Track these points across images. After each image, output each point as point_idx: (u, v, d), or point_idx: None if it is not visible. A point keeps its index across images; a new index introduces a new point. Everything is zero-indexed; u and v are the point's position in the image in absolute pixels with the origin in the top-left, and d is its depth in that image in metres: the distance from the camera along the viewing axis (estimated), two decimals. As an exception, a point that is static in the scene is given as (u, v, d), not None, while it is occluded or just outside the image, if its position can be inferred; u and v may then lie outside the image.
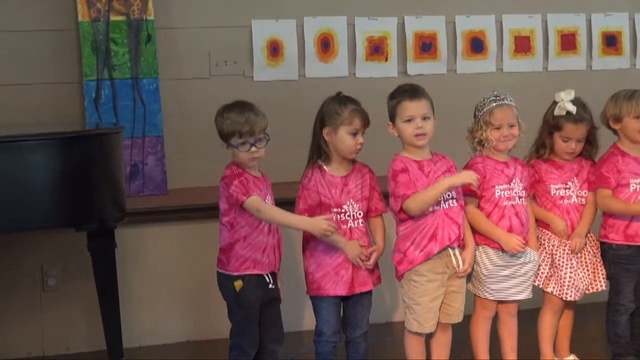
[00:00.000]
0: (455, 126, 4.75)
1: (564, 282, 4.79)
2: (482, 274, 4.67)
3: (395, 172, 4.46)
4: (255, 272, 4.39)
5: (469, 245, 4.57)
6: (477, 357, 4.79)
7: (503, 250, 4.64)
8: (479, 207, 4.66)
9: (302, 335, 5.41)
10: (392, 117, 4.52)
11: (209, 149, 6.00)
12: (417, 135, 4.45)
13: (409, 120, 4.46)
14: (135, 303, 5.51)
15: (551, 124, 4.80)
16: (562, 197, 4.84)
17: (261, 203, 4.32)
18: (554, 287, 4.81)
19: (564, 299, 4.81)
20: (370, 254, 4.52)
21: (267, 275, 4.42)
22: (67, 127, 5.30)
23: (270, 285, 4.43)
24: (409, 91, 4.50)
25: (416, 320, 4.52)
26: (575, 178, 4.85)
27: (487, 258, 4.65)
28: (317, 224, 4.34)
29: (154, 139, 5.94)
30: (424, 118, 4.46)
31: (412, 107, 4.46)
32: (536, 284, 4.82)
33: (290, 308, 4.63)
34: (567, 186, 4.84)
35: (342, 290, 4.52)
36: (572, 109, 4.74)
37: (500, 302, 4.73)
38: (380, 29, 6.48)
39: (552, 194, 4.83)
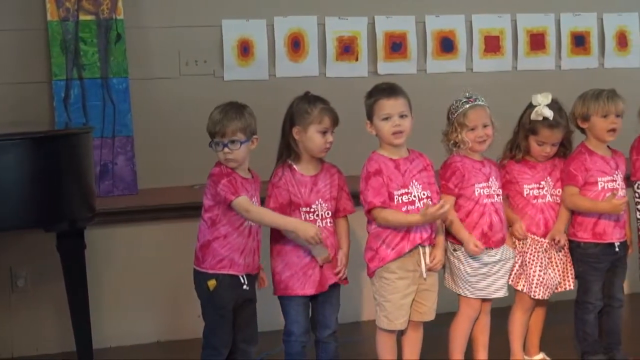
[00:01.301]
0: (426, 125, 4.77)
1: (532, 280, 4.81)
2: (466, 272, 4.68)
3: (368, 173, 4.47)
4: (231, 272, 4.39)
5: (439, 243, 4.59)
6: (451, 356, 4.80)
7: (486, 248, 4.67)
8: (458, 205, 4.67)
9: (274, 335, 5.41)
10: (370, 116, 4.53)
11: (179, 149, 6.04)
12: (394, 133, 4.47)
13: (386, 119, 4.47)
14: (105, 304, 5.49)
15: (527, 128, 4.82)
16: (535, 197, 4.86)
17: (250, 204, 4.34)
18: (523, 285, 4.83)
19: (533, 297, 4.84)
20: (337, 259, 4.56)
21: (242, 276, 4.42)
22: (36, 127, 5.25)
23: (245, 287, 4.43)
24: (387, 90, 4.51)
25: (386, 318, 4.53)
26: (548, 177, 4.88)
27: (470, 257, 4.67)
28: (307, 229, 4.36)
29: (124, 138, 5.91)
30: (402, 116, 4.48)
31: (390, 105, 4.47)
32: (508, 282, 4.84)
33: (264, 308, 4.61)
34: (541, 186, 4.87)
35: (310, 290, 4.52)
36: (549, 114, 4.76)
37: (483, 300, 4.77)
38: (350, 29, 6.49)
39: (526, 194, 4.86)
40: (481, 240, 4.65)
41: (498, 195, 4.74)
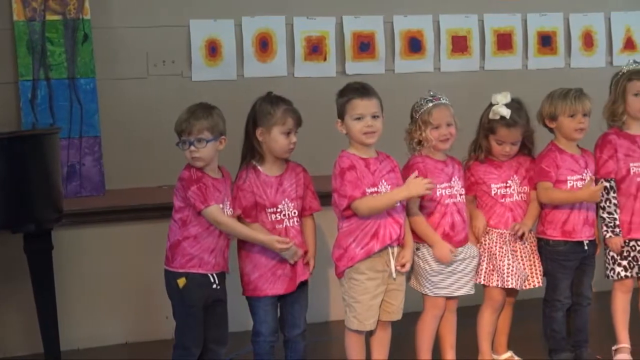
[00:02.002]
0: (395, 125, 4.77)
1: (503, 270, 4.83)
2: (430, 271, 4.70)
3: (342, 169, 4.47)
4: (200, 271, 4.38)
5: (408, 244, 4.60)
6: (419, 356, 4.81)
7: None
8: (420, 205, 4.69)
9: (243, 335, 5.40)
10: (341, 115, 4.52)
11: (147, 149, 6.02)
12: (366, 133, 4.47)
13: (358, 118, 4.47)
14: (73, 305, 5.45)
15: (486, 127, 4.85)
16: (503, 196, 4.89)
17: (220, 214, 4.33)
18: (497, 280, 4.85)
19: (506, 286, 4.84)
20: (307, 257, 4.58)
21: (212, 275, 4.41)
22: (2, 128, 5.23)
23: (215, 286, 4.42)
24: (360, 89, 4.52)
25: (356, 319, 4.54)
26: (515, 175, 4.91)
27: (432, 255, 4.68)
28: (276, 245, 4.39)
29: (91, 139, 5.89)
30: (374, 116, 4.48)
31: (363, 106, 4.47)
32: (477, 281, 4.87)
33: (232, 308, 4.61)
34: (508, 184, 4.89)
35: (279, 289, 4.52)
36: (506, 113, 4.78)
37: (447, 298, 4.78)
38: (318, 29, 6.49)
39: (493, 193, 4.88)
40: (445, 240, 4.67)
41: (461, 195, 4.75)
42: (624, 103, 4.96)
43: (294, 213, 4.57)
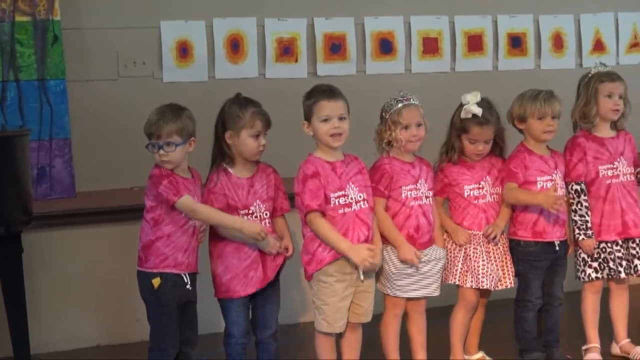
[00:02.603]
0: (365, 127, 4.78)
1: (478, 271, 4.85)
2: (390, 271, 4.71)
3: (305, 176, 4.47)
4: (174, 270, 4.37)
5: (377, 245, 4.60)
6: (387, 357, 4.83)
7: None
8: (388, 207, 4.70)
9: (214, 337, 5.39)
10: (308, 117, 4.53)
11: (118, 151, 6.00)
12: (333, 135, 4.47)
13: (325, 120, 4.47)
14: (44, 308, 5.43)
15: (458, 127, 4.87)
16: (476, 197, 4.91)
17: (195, 203, 4.32)
18: (472, 281, 4.86)
19: (481, 287, 4.86)
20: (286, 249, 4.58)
21: (185, 275, 4.40)
22: (-29, 130, 5.20)
23: (188, 287, 4.41)
24: (327, 91, 4.52)
25: (325, 321, 4.54)
26: (487, 177, 4.93)
27: (395, 256, 4.69)
28: (252, 227, 4.36)
29: (62, 141, 5.86)
30: (341, 118, 4.49)
31: (330, 107, 4.48)
32: (452, 282, 4.88)
33: (202, 310, 4.60)
34: (481, 186, 4.92)
35: (251, 289, 4.52)
36: (478, 111, 4.81)
37: (409, 299, 4.78)
38: (289, 30, 6.50)
39: (467, 195, 4.90)
40: (409, 242, 4.68)
41: (427, 197, 4.76)
42: (596, 105, 5.00)
43: (266, 214, 4.57)
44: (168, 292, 4.37)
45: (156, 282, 4.35)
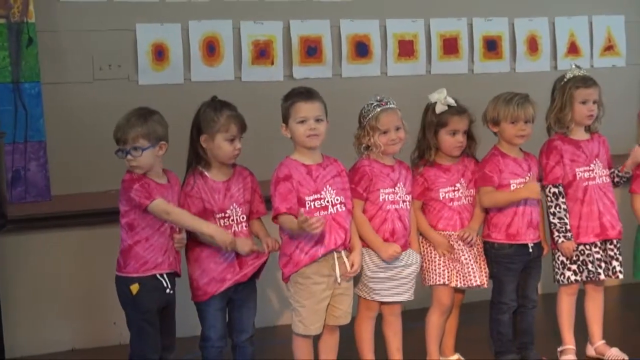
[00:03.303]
0: (342, 129, 4.78)
1: (467, 269, 4.86)
2: (366, 275, 4.71)
3: (277, 179, 4.47)
4: (155, 272, 4.34)
5: (356, 247, 4.61)
6: (362, 358, 4.83)
7: None
8: (365, 210, 4.70)
9: (190, 341, 5.38)
10: (285, 118, 4.53)
11: (93, 154, 5.97)
12: (309, 136, 4.48)
13: (302, 122, 4.48)
14: (19, 312, 5.40)
15: (435, 123, 4.87)
16: (452, 200, 4.92)
17: (168, 205, 4.29)
18: (457, 280, 4.87)
19: (472, 284, 4.86)
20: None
21: (165, 279, 4.37)
22: (-55, 133, 5.16)
23: (168, 291, 4.40)
24: (304, 93, 4.53)
25: (302, 323, 4.54)
26: (462, 179, 4.94)
27: (371, 260, 4.70)
28: (224, 236, 4.34)
29: (37, 144, 5.83)
30: (318, 120, 4.49)
31: (306, 109, 4.48)
32: (440, 282, 4.88)
33: (178, 313, 4.59)
34: (456, 188, 4.93)
35: (226, 285, 4.50)
36: (452, 101, 4.84)
37: (383, 303, 4.79)
38: (265, 33, 6.49)
39: (442, 197, 4.90)
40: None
41: (404, 201, 4.77)
42: (572, 111, 5.02)
43: (243, 218, 4.56)
44: (147, 297, 4.34)
45: (134, 288, 4.33)
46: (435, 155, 4.91)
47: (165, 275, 4.38)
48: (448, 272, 4.89)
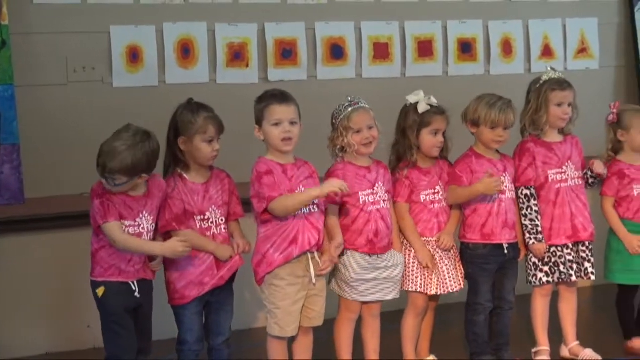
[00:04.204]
0: (316, 132, 4.80)
1: (443, 276, 4.87)
2: (350, 277, 4.72)
3: (260, 173, 4.47)
4: (120, 279, 4.33)
5: (328, 249, 4.61)
6: (340, 359, 4.83)
7: (369, 254, 4.70)
8: (344, 211, 4.71)
9: (166, 344, 5.36)
10: (259, 120, 4.54)
11: (68, 157, 5.93)
12: (284, 140, 4.48)
13: (276, 124, 4.48)
14: (-8, 316, 5.37)
15: (418, 123, 4.87)
16: (432, 202, 4.94)
17: (116, 232, 4.24)
18: (434, 288, 4.89)
19: (450, 291, 4.89)
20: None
21: (132, 282, 4.36)
22: None
23: (136, 294, 4.38)
24: (278, 95, 4.53)
25: (277, 325, 4.54)
26: (440, 181, 4.96)
27: (355, 261, 4.71)
28: (173, 247, 4.32)
29: (10, 147, 5.78)
30: (292, 123, 4.50)
31: (281, 111, 4.49)
32: (414, 289, 4.90)
33: (154, 316, 4.58)
34: (436, 190, 4.95)
35: (204, 290, 4.50)
36: (435, 101, 4.86)
37: (365, 303, 4.80)
38: (240, 35, 6.48)
39: (423, 200, 4.92)
40: (367, 247, 4.71)
41: (385, 201, 4.79)
42: (547, 113, 5.04)
43: (221, 220, 4.56)
44: (112, 300, 4.33)
45: (100, 291, 4.33)
46: (417, 156, 4.92)
47: (134, 281, 4.37)
48: (423, 280, 4.90)
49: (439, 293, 4.92)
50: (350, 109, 4.71)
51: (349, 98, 4.76)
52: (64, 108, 6.04)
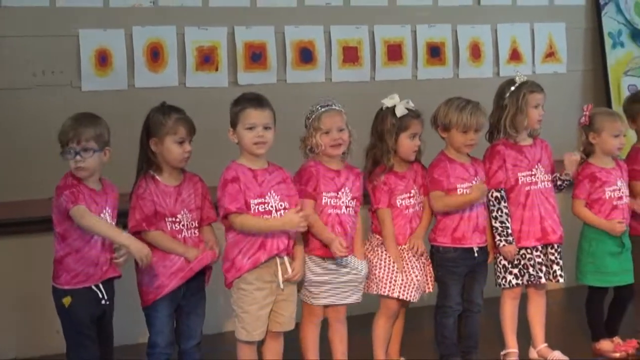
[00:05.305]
0: (286, 135, 4.80)
1: (411, 284, 4.89)
2: (309, 279, 4.73)
3: (225, 181, 4.48)
4: (88, 284, 4.31)
5: (299, 255, 4.62)
6: (305, 358, 4.84)
7: (322, 258, 4.72)
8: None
9: (133, 348, 5.34)
10: (234, 124, 4.54)
11: (35, 161, 5.89)
12: (256, 144, 4.48)
13: (250, 128, 4.48)
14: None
15: (396, 126, 4.88)
16: (407, 207, 4.96)
17: (86, 212, 4.23)
18: (399, 291, 4.90)
19: (410, 299, 4.90)
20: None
21: (100, 289, 4.34)
22: None
23: (104, 302, 4.37)
24: (254, 100, 4.55)
25: (245, 329, 4.55)
26: (414, 185, 4.97)
27: (314, 264, 4.71)
28: (141, 249, 4.29)
29: (-24, 151, 5.75)
30: (266, 127, 4.51)
31: (256, 116, 4.49)
32: (379, 292, 4.91)
33: (123, 320, 4.56)
34: (411, 194, 4.97)
35: (177, 284, 4.50)
36: (412, 105, 4.87)
37: (328, 307, 4.80)
38: (210, 39, 6.46)
39: (399, 204, 4.93)
40: (321, 250, 4.72)
41: (347, 207, 4.79)
42: (527, 115, 5.07)
43: (193, 224, 4.56)
44: (80, 310, 4.31)
45: (67, 301, 4.30)
46: (393, 161, 4.93)
47: (100, 285, 4.35)
48: (391, 285, 4.91)
49: (404, 298, 4.92)
50: (321, 110, 4.72)
51: (323, 99, 4.77)
52: (31, 112, 6.00)
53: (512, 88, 5.10)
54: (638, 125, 5.52)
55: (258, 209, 4.49)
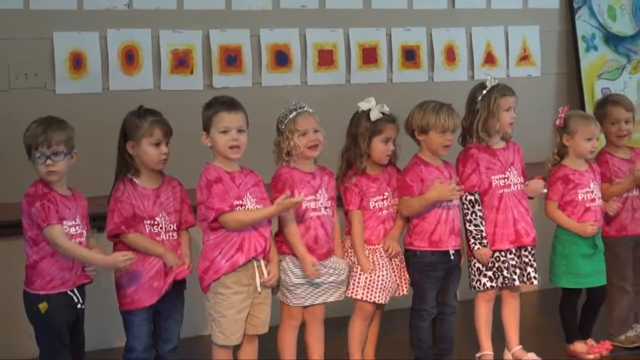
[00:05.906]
0: (261, 139, 4.80)
1: (377, 285, 4.89)
2: (290, 282, 4.72)
3: (209, 181, 4.47)
4: (63, 289, 4.29)
5: (273, 258, 4.63)
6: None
7: None
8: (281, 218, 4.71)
9: (109, 352, 5.32)
10: (207, 127, 4.53)
11: (9, 164, 5.87)
12: (231, 147, 4.48)
13: (224, 132, 4.48)
14: None
15: (370, 130, 4.88)
16: (380, 209, 4.95)
17: (59, 237, 4.21)
18: (363, 293, 4.90)
19: (376, 301, 4.92)
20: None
21: (75, 294, 4.32)
22: None
23: (80, 306, 4.35)
24: (227, 103, 4.54)
25: (222, 333, 4.54)
26: (388, 188, 4.98)
27: (294, 267, 4.71)
28: (114, 259, 4.29)
29: (-50, 154, 5.71)
30: (240, 131, 4.50)
31: (229, 119, 4.49)
32: (359, 297, 4.92)
33: (99, 324, 4.54)
34: (384, 197, 4.97)
35: (155, 299, 4.48)
36: (387, 110, 4.88)
37: (306, 308, 4.81)
38: (185, 42, 6.46)
39: (372, 206, 4.93)
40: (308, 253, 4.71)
41: (326, 208, 4.80)
42: (499, 119, 5.08)
43: (171, 227, 4.55)
44: (57, 316, 4.29)
45: (43, 307, 4.27)
46: (367, 164, 4.94)
47: (75, 290, 4.33)
48: (366, 290, 4.91)
49: (378, 301, 4.94)
50: (295, 113, 4.73)
51: (293, 103, 4.77)
52: (5, 115, 5.97)
53: (484, 92, 5.11)
54: (604, 129, 5.54)
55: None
